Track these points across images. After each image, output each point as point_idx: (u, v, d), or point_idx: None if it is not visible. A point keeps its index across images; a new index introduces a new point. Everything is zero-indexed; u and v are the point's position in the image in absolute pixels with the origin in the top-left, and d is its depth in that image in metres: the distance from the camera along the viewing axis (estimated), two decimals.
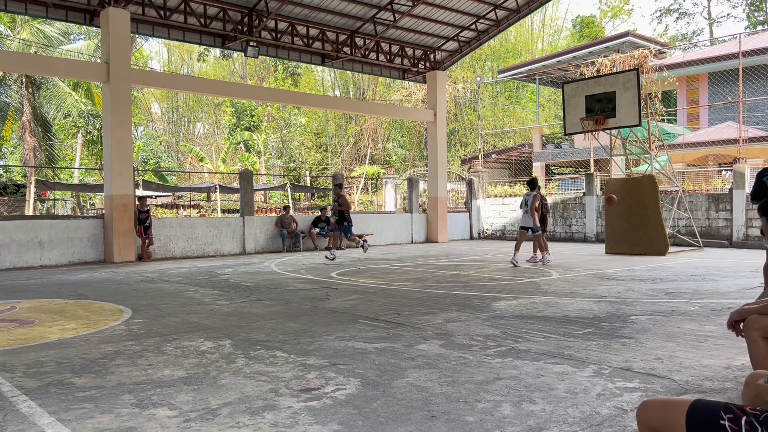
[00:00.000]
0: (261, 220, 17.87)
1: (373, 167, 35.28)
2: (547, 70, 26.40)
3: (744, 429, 1.64)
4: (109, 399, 3.62)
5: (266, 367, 4.31)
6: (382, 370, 4.19)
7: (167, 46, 46.70)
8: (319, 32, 18.60)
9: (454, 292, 8.22)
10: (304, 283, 9.64)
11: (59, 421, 3.24)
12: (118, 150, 14.42)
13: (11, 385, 3.92)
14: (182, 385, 3.89)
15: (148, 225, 14.71)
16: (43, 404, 3.52)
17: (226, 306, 7.30)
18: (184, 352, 4.85)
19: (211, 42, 17.66)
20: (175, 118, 47.78)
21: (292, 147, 37.90)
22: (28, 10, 14.41)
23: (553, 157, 27.08)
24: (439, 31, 20.38)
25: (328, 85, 44.14)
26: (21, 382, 4.01)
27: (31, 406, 3.49)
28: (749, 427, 1.64)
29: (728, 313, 6.21)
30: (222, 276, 10.83)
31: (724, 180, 18.90)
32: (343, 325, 5.90)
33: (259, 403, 3.50)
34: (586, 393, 3.62)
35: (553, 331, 5.42)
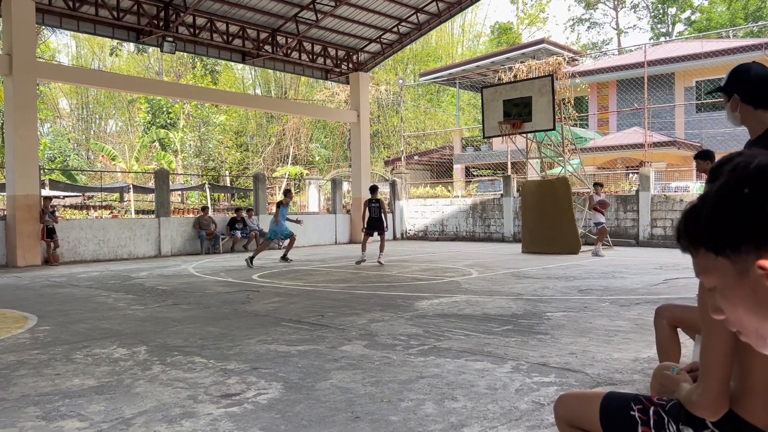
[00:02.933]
0: (178, 221, 17.30)
1: (296, 167, 34.94)
2: (466, 74, 27.02)
3: (652, 419, 1.72)
4: (12, 412, 3.39)
5: (184, 374, 4.17)
6: (306, 372, 4.15)
7: (76, 39, 44.39)
8: (239, 29, 18.22)
9: (378, 292, 8.25)
10: (223, 286, 9.40)
11: None
12: (21, 148, 13.57)
13: None
14: (93, 395, 3.70)
15: (52, 227, 13.92)
16: None
17: (141, 311, 7.01)
18: (95, 360, 4.61)
19: (124, 36, 16.92)
20: (85, 115, 45.46)
21: (211, 146, 36.91)
22: None
23: (472, 159, 27.74)
24: (362, 33, 20.44)
25: (248, 83, 43.33)
26: None
27: None
28: (657, 416, 1.72)
29: (635, 309, 6.57)
30: (136, 280, 10.40)
31: (631, 182, 19.97)
32: (265, 328, 5.79)
33: (176, 411, 3.38)
34: (505, 389, 3.71)
35: (474, 329, 5.54)
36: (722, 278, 0.96)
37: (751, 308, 0.95)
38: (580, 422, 1.84)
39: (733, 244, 0.93)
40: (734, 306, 0.97)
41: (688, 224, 1.01)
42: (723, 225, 0.95)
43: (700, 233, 0.98)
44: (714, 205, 0.98)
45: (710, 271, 0.98)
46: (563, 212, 14.64)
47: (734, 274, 0.95)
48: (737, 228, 0.94)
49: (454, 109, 36.03)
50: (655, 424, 1.71)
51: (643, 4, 45.41)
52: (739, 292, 0.95)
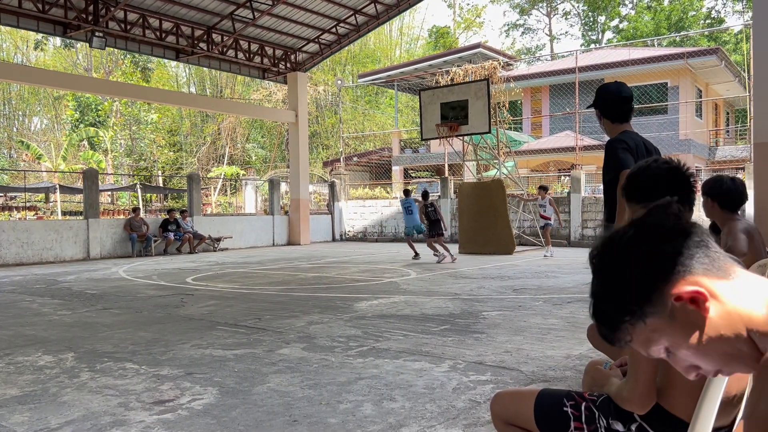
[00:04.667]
0: (108, 222, 16.69)
1: (232, 168, 34.29)
2: (404, 76, 27.25)
3: (584, 414, 1.78)
4: None
5: (115, 380, 4.02)
6: (242, 377, 4.08)
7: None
8: (173, 26, 17.74)
9: (317, 294, 8.21)
10: (156, 289, 9.13)
11: None
12: None
13: None
14: (16, 405, 3.52)
15: None
16: None
17: (68, 316, 6.71)
18: (18, 368, 4.39)
19: (50, 30, 16.17)
20: (7, 112, 43.16)
21: (143, 145, 35.76)
22: None
23: (411, 161, 28.00)
24: (300, 33, 20.28)
25: (182, 81, 42.25)
26: None
27: None
28: (588, 411, 1.78)
29: (567, 307, 6.78)
30: (63, 284, 9.97)
31: (563, 185, 20.64)
32: (199, 332, 5.66)
33: (106, 419, 3.26)
34: (442, 388, 3.76)
35: (412, 329, 5.59)
36: (665, 335, 0.99)
37: (700, 342, 0.97)
38: (515, 419, 1.89)
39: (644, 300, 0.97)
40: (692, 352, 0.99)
41: (601, 322, 1.04)
42: (622, 296, 0.99)
43: (614, 319, 1.01)
44: (605, 290, 1.03)
45: (653, 337, 0.98)
46: (499, 213, 14.97)
47: (669, 323, 0.98)
48: (634, 289, 0.98)
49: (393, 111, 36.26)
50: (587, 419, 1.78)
51: (575, 11, 47.04)
52: (683, 334, 0.96)
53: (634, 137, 3.47)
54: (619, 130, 3.54)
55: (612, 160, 3.36)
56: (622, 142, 3.38)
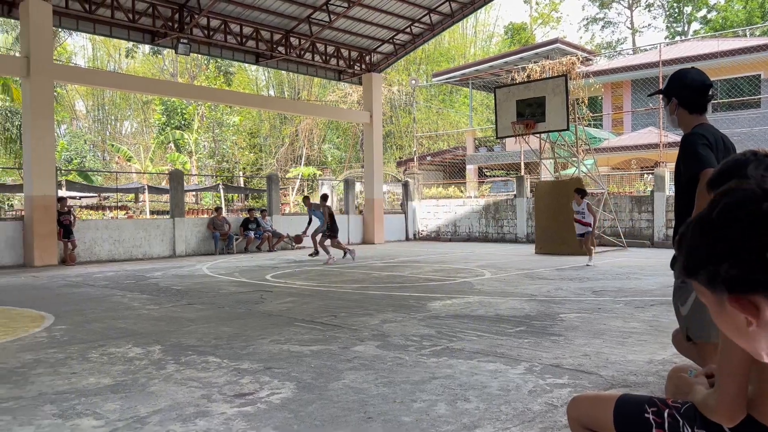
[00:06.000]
0: (192, 221, 17.42)
1: (309, 168, 35.02)
2: (479, 74, 26.95)
3: (666, 421, 1.71)
4: (29, 410, 3.44)
5: (198, 373, 4.20)
6: (318, 372, 4.16)
7: (93, 41, 44.80)
8: (253, 31, 18.31)
9: (391, 293, 8.26)
10: (237, 286, 9.45)
11: None
12: (38, 149, 13.73)
13: None
14: (109, 393, 3.74)
15: (69, 227, 14.06)
16: None
17: (156, 311, 7.06)
18: (110, 359, 4.66)
19: (139, 38, 17.08)
20: (101, 116, 45.88)
21: (225, 147, 37.11)
22: None
23: (485, 160, 27.67)
24: (374, 34, 20.46)
25: (262, 84, 43.50)
26: None
27: None
28: (671, 419, 1.71)
29: (650, 310, 6.52)
30: (151, 279, 10.49)
31: (646, 183, 19.83)
32: (278, 328, 5.82)
33: (190, 410, 3.40)
34: (518, 390, 3.70)
35: (487, 330, 5.53)
36: (708, 302, 0.97)
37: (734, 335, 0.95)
38: (593, 424, 1.84)
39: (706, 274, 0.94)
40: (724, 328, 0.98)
41: (678, 250, 1.03)
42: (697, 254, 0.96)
43: (686, 260, 0.99)
44: (693, 234, 0.99)
45: (701, 293, 0.99)
46: None
47: (715, 302, 0.96)
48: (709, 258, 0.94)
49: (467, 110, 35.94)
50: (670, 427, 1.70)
51: (659, 3, 45.06)
52: (722, 318, 0.96)
53: (713, 131, 3.06)
54: (695, 123, 3.14)
55: (691, 158, 3.00)
56: (701, 137, 3.01)
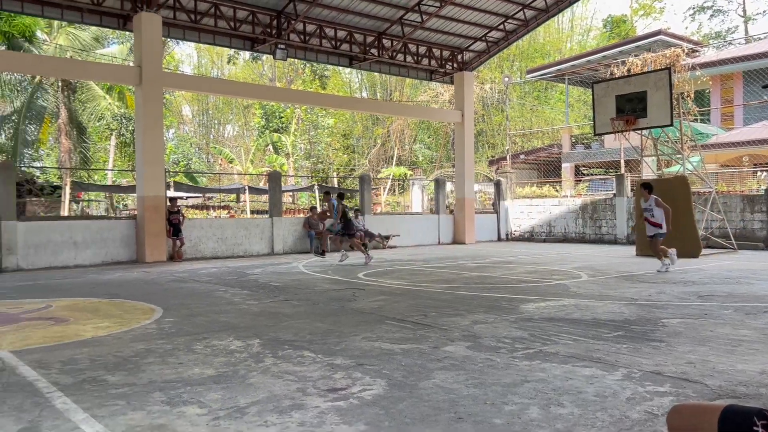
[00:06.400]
0: (289, 221, 18.01)
1: (400, 168, 35.28)
2: (576, 70, 26.09)
3: None
4: (141, 396, 3.69)
5: (294, 367, 4.35)
6: (409, 371, 4.20)
7: (198, 50, 47.34)
8: (346, 34, 18.68)
9: (482, 293, 8.18)
10: (331, 283, 9.69)
11: (93, 417, 3.32)
12: (150, 152, 14.67)
13: (47, 382, 4.02)
14: (212, 384, 3.95)
15: (178, 226, 14.93)
16: (78, 400, 3.61)
17: (255, 306, 7.37)
18: (213, 351, 4.91)
19: (240, 45, 17.87)
20: (205, 121, 48.40)
21: (320, 148, 38.10)
22: (64, 15, 14.75)
23: (582, 157, 26.75)
24: (466, 32, 20.31)
25: (355, 86, 44.28)
26: (56, 378, 4.11)
27: (65, 403, 3.57)
28: None
29: (764, 317, 6.08)
30: (251, 276, 10.94)
31: (759, 181, 18.46)
32: (369, 325, 5.91)
33: (286, 403, 3.54)
34: (615, 397, 3.57)
35: (582, 334, 5.36)
36: None
37: None
38: None
39: None
40: None
41: None
42: None
43: None
44: None
45: None
46: (682, 213, 13.77)
47: None
48: None
49: (563, 106, 34.91)
50: None
51: None
52: None
53: None
54: None
55: None
56: None
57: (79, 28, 24.28)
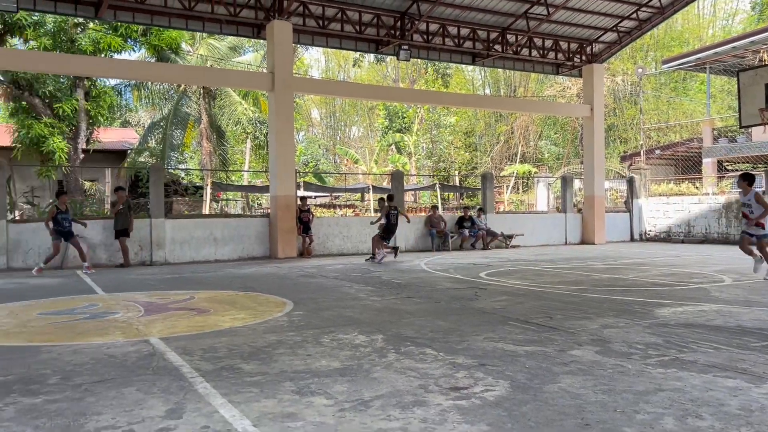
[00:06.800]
0: (411, 219, 18.19)
1: (524, 166, 34.45)
2: (719, 58, 24.08)
3: None
4: (273, 385, 3.91)
5: (416, 364, 4.40)
6: (533, 374, 4.11)
7: (325, 54, 49.13)
8: (469, 31, 18.55)
9: (612, 296, 7.81)
10: (452, 282, 9.68)
11: (230, 402, 3.56)
12: (281, 153, 15.44)
13: (190, 367, 4.36)
14: (338, 376, 4.09)
15: (308, 224, 15.59)
16: (216, 386, 3.89)
17: (378, 302, 7.53)
18: (339, 344, 5.09)
19: (365, 48, 18.32)
20: (332, 123, 50.13)
21: (442, 147, 38.13)
22: (205, 27, 15.92)
23: (726, 152, 24.66)
24: (595, 23, 19.43)
25: (478, 84, 43.82)
26: (198, 365, 4.45)
27: (206, 388, 3.86)
28: None
29: None
30: (374, 273, 11.19)
31: None
32: (492, 326, 5.85)
33: (409, 398, 3.59)
34: (763, 411, 3.28)
35: (725, 343, 4.96)
36: None
37: None
38: None
39: None
40: None
41: None
42: None
43: None
44: None
45: None
46: None
47: None
48: None
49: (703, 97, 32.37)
50: None
51: None
52: None
53: None
54: None
55: None
56: None
57: (217, 38, 26.06)
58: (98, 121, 21.74)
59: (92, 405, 3.53)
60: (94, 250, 13.40)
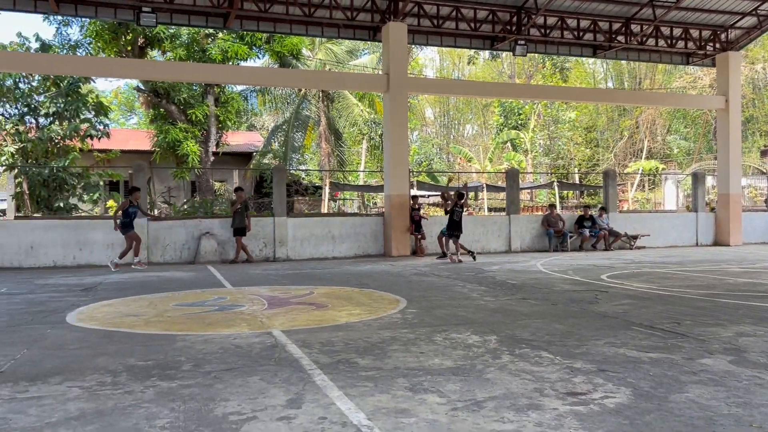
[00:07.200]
0: (527, 218, 17.78)
1: (651, 162, 32.55)
2: None
3: None
4: (387, 381, 3.98)
5: (531, 366, 4.31)
6: (658, 382, 3.89)
7: (440, 53, 49.16)
8: (590, 23, 17.80)
9: (750, 302, 7.20)
10: (571, 284, 9.35)
11: (346, 395, 3.67)
12: (396, 153, 15.66)
13: (309, 360, 4.55)
14: (450, 375, 4.10)
15: (420, 222, 15.69)
16: (333, 379, 4.02)
17: (492, 302, 7.44)
18: (452, 343, 5.09)
19: (480, 45, 18.14)
20: (446, 122, 50.05)
21: (560, 144, 36.89)
22: (324, 32, 16.49)
23: None
24: (731, 7, 17.96)
25: (599, 77, 41.98)
26: (316, 357, 4.63)
27: (324, 380, 4.01)
28: None
29: None
30: (488, 273, 11.06)
31: None
32: (613, 330, 5.59)
33: (523, 401, 3.52)
34: None
35: None
36: None
37: None
38: None
39: None
40: None
41: None
42: None
43: None
44: None
45: None
46: None
47: None
48: None
49: None
50: None
51: None
52: None
53: None
54: None
55: None
56: None
57: (335, 42, 26.89)
58: (227, 126, 23.17)
59: (220, 391, 3.78)
60: (223, 247, 14.29)
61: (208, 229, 14.31)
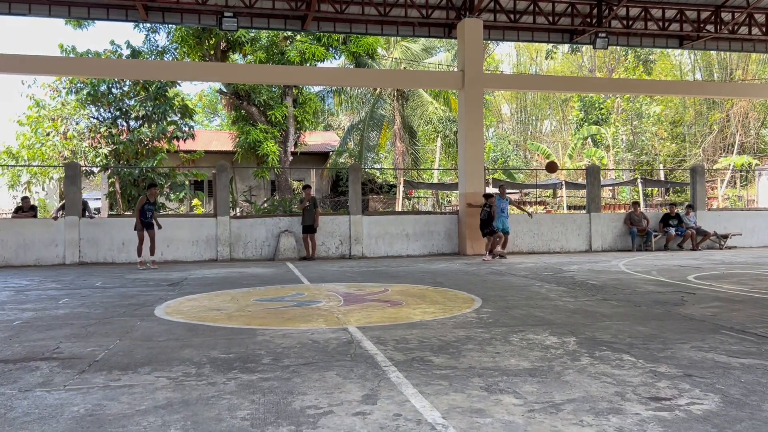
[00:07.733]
0: (608, 217, 17.20)
1: (743, 157, 30.73)
2: None
3: None
4: (461, 380, 3.96)
5: (612, 369, 4.17)
6: (750, 389, 3.68)
7: (516, 48, 48.27)
8: (676, 13, 17.01)
9: None
10: (655, 285, 8.98)
11: (420, 393, 3.68)
12: (470, 151, 15.52)
13: (384, 356, 4.59)
14: (527, 376, 4.03)
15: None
16: (408, 376, 4.04)
17: (571, 303, 7.25)
18: (529, 344, 5.00)
19: (558, 39, 17.69)
20: (523, 118, 49.11)
21: (644, 139, 35.40)
22: (399, 30, 16.59)
23: None
24: None
25: (686, 68, 40.00)
26: (391, 354, 4.66)
27: (398, 377, 4.03)
28: None
29: None
30: (567, 273, 10.78)
31: None
32: (700, 334, 5.33)
33: (603, 405, 3.42)
34: None
35: None
36: None
37: None
38: None
39: None
40: None
41: None
42: None
43: None
44: None
45: None
46: None
47: None
48: None
49: None
50: None
51: None
52: None
53: None
54: None
55: None
56: None
57: (411, 41, 26.92)
58: (304, 126, 23.70)
59: (298, 385, 3.87)
60: (302, 244, 14.63)
61: (287, 227, 14.70)
